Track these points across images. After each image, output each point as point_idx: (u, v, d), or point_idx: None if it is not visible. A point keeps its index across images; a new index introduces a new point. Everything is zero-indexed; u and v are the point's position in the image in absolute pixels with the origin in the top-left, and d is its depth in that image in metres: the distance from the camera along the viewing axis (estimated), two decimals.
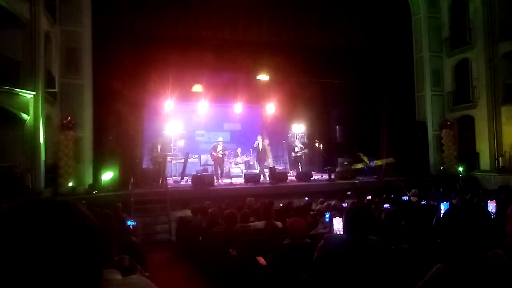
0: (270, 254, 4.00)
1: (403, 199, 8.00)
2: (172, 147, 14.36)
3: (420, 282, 1.68)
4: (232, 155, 15.47)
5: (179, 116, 15.69)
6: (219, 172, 13.40)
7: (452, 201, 6.70)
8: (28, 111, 10.29)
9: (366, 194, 9.63)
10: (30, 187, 9.92)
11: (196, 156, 15.68)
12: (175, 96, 14.82)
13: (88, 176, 11.84)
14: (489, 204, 4.82)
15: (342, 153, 16.17)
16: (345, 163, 14.28)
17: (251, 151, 15.28)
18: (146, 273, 2.57)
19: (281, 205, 8.22)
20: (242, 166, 15.50)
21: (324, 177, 14.03)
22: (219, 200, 9.28)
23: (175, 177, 14.12)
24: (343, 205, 6.97)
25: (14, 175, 9.60)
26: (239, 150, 15.55)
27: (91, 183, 11.49)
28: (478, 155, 14.85)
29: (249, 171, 14.43)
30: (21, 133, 10.34)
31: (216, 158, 13.41)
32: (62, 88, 11.88)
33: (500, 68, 14.32)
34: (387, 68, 15.59)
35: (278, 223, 5.60)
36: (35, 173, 10.25)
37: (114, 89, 11.80)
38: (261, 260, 4.18)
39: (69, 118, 11.59)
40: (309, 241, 4.06)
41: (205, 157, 15.21)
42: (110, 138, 12.08)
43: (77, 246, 0.74)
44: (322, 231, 4.70)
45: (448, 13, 15.94)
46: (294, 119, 17.95)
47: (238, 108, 16.58)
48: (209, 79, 15.12)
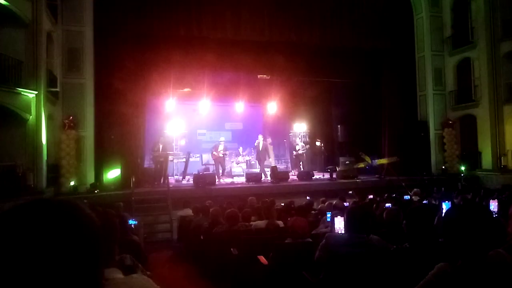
0: (272, 254, 4.00)
1: (405, 199, 7.99)
2: (174, 147, 14.38)
3: (422, 282, 1.68)
4: (234, 155, 15.47)
5: (181, 116, 15.70)
6: (220, 172, 13.41)
7: (454, 201, 6.69)
8: (30, 111, 10.31)
9: (368, 194, 9.62)
10: (32, 187, 9.95)
11: (198, 156, 15.70)
12: (177, 96, 14.84)
13: (90, 176, 11.86)
14: (491, 204, 4.82)
15: (344, 153, 16.16)
16: (347, 163, 14.27)
17: (253, 151, 15.29)
18: (148, 272, 2.57)
19: (283, 205, 8.23)
20: (244, 166, 15.51)
21: (326, 177, 14.02)
22: (221, 200, 9.30)
23: (177, 176, 14.13)
24: (345, 205, 6.97)
25: (16, 175, 9.63)
26: (241, 150, 15.56)
27: (93, 183, 11.51)
28: (480, 155, 14.82)
29: (251, 171, 14.44)
30: (23, 133, 10.36)
31: (217, 158, 13.42)
32: (64, 88, 11.90)
33: (502, 67, 14.29)
34: (389, 67, 15.57)
35: (280, 223, 5.60)
36: (37, 173, 10.28)
37: (116, 89, 11.82)
38: (263, 260, 4.18)
39: (71, 118, 11.62)
40: (311, 241, 4.06)
41: (207, 157, 15.22)
42: (112, 138, 12.10)
43: (79, 246, 0.75)
44: (324, 231, 4.70)
45: (450, 12, 15.90)
46: (296, 119, 17.95)
47: (240, 108, 16.58)
48: (211, 79, 15.13)
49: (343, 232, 3.64)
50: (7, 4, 9.62)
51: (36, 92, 10.34)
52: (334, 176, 13.48)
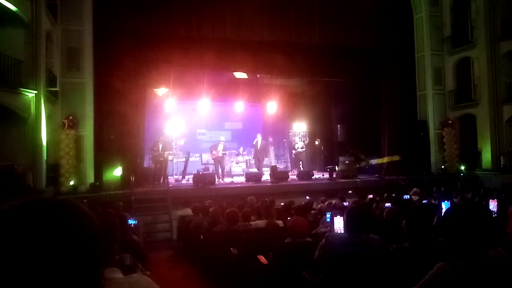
0: (271, 253, 4.00)
1: (405, 198, 7.99)
2: (173, 146, 14.37)
3: (422, 281, 1.68)
4: (234, 154, 15.47)
5: (180, 115, 15.70)
6: (220, 172, 13.41)
7: (454, 200, 6.69)
8: (30, 110, 10.31)
9: (368, 193, 9.63)
10: (32, 186, 9.94)
11: (197, 155, 15.70)
12: (176, 95, 14.83)
13: (90, 175, 11.85)
14: (490, 203, 4.82)
15: (343, 152, 16.17)
16: (347, 162, 14.28)
17: (252, 150, 15.29)
18: (147, 272, 2.57)
19: (282, 204, 8.22)
20: (243, 165, 15.51)
21: (325, 176, 14.02)
22: (220, 199, 9.29)
23: (176, 176, 14.13)
24: (345, 204, 6.97)
25: (16, 174, 9.62)
26: (241, 150, 15.55)
27: (93, 182, 11.51)
28: (480, 154, 14.83)
29: (250, 170, 14.44)
30: (23, 132, 10.35)
31: (216, 158, 13.42)
32: (64, 87, 11.89)
33: (502, 67, 14.30)
34: (389, 67, 15.58)
35: (279, 222, 5.60)
36: (37, 172, 10.28)
37: (116, 88, 11.80)
38: (262, 259, 4.18)
39: (71, 117, 11.61)
40: (310, 240, 4.06)
41: (206, 156, 15.22)
42: (112, 137, 12.09)
43: (78, 245, 0.74)
44: (323, 231, 4.70)
45: (450, 12, 15.90)
46: (295, 118, 17.95)
47: (239, 107, 16.58)
48: (211, 78, 15.13)
49: (343, 232, 3.64)
50: (7, 4, 9.61)
51: (36, 92, 10.33)
52: (334, 176, 13.49)
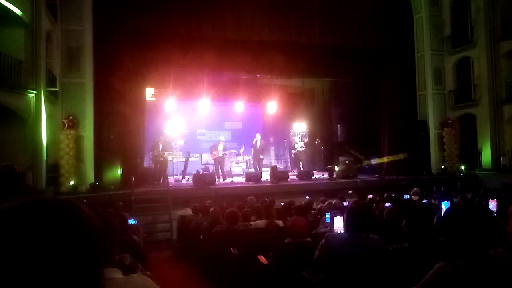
0: (271, 253, 4.00)
1: (405, 198, 7.99)
2: (173, 146, 14.37)
3: (422, 281, 1.68)
4: (234, 154, 15.46)
5: (180, 115, 15.69)
6: (220, 172, 13.40)
7: (454, 200, 6.69)
8: (30, 110, 10.31)
9: (368, 193, 9.63)
10: (32, 186, 9.94)
11: (197, 155, 15.69)
12: (176, 95, 14.83)
13: (90, 175, 11.85)
14: (490, 203, 4.82)
15: (343, 152, 16.17)
16: (347, 162, 14.28)
17: (252, 150, 15.27)
18: (147, 272, 2.56)
19: (282, 204, 8.22)
20: (243, 165, 15.50)
21: (325, 176, 14.02)
22: (220, 199, 9.30)
23: (176, 176, 14.13)
24: (344, 204, 6.96)
25: (16, 174, 9.62)
26: (242, 150, 15.54)
27: (93, 182, 11.51)
28: (480, 154, 14.82)
29: (250, 170, 14.43)
30: (23, 132, 10.36)
31: (217, 158, 13.41)
32: (64, 87, 11.89)
33: (502, 67, 14.30)
34: (389, 67, 15.58)
35: (279, 222, 5.60)
36: (37, 172, 10.28)
37: (115, 88, 11.80)
38: (262, 259, 4.18)
39: (71, 117, 11.61)
40: (310, 240, 4.06)
41: (206, 156, 15.21)
42: (112, 137, 12.09)
43: (78, 246, 0.74)
44: (323, 231, 4.70)
45: (450, 12, 15.90)
46: (295, 118, 17.94)
47: (239, 107, 16.57)
48: (211, 78, 15.12)
49: (343, 232, 3.64)
50: (7, 4, 9.61)
51: (36, 92, 10.33)
52: (334, 176, 13.48)
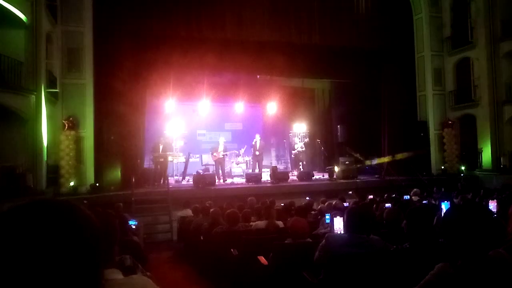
0: (272, 254, 3.99)
1: (405, 199, 7.99)
2: (174, 147, 14.37)
3: (422, 282, 1.67)
4: (234, 155, 15.46)
5: (180, 116, 15.69)
6: (220, 172, 13.40)
7: (454, 200, 6.69)
8: (30, 111, 10.31)
9: (368, 194, 9.62)
10: (32, 187, 9.93)
11: (197, 156, 15.69)
12: (176, 96, 14.83)
13: (90, 176, 11.85)
14: (490, 204, 4.81)
15: (343, 153, 16.16)
16: (347, 163, 14.29)
17: (252, 150, 15.26)
18: (148, 273, 2.57)
19: (282, 205, 8.22)
20: (244, 166, 15.50)
21: (326, 177, 14.01)
22: (220, 200, 9.29)
23: (176, 177, 14.13)
24: (345, 205, 6.96)
25: (16, 175, 9.61)
26: (242, 151, 15.53)
27: (93, 183, 11.51)
28: (480, 155, 14.82)
29: (250, 171, 14.42)
30: (23, 133, 10.36)
31: (218, 159, 13.41)
32: (64, 88, 11.89)
33: (502, 67, 14.31)
34: (389, 67, 15.58)
35: (280, 223, 5.59)
36: (37, 173, 10.28)
37: (116, 89, 11.81)
38: (263, 260, 4.18)
39: (71, 118, 11.62)
40: (311, 241, 4.06)
41: (206, 157, 15.19)
42: (112, 138, 12.09)
43: (78, 247, 0.75)
44: (323, 231, 4.70)
45: (450, 12, 15.91)
46: (295, 119, 17.94)
47: (239, 108, 16.57)
48: (211, 79, 15.12)
49: (343, 233, 3.64)
50: (7, 5, 9.62)
51: (36, 93, 10.33)
52: (334, 176, 13.47)
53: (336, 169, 13.57)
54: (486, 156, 14.52)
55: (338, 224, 4.02)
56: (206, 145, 16.29)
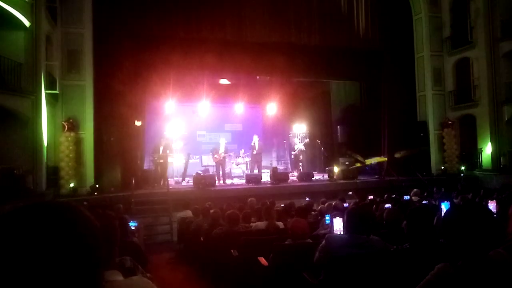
0: (272, 255, 3.99)
1: (405, 199, 7.99)
2: (174, 148, 14.37)
3: (422, 282, 1.67)
4: (234, 156, 15.46)
5: (180, 117, 15.69)
6: (221, 174, 13.39)
7: (454, 201, 6.69)
8: (30, 113, 10.32)
9: (368, 194, 9.62)
10: (32, 189, 9.94)
11: (197, 157, 15.68)
12: (176, 97, 14.84)
13: (90, 177, 11.85)
14: (490, 204, 4.81)
15: (343, 153, 16.17)
16: (347, 163, 14.29)
17: (250, 152, 15.24)
18: (148, 274, 2.57)
19: (283, 206, 8.21)
20: (244, 167, 15.49)
21: (326, 177, 14.01)
22: (220, 201, 9.28)
23: (176, 178, 14.12)
24: (345, 205, 6.96)
25: (16, 177, 9.61)
26: (242, 152, 15.53)
27: (93, 184, 11.51)
28: (480, 155, 14.83)
29: (251, 172, 14.41)
30: (23, 135, 10.37)
31: (218, 161, 13.41)
32: (64, 90, 11.89)
33: (502, 67, 14.32)
34: (388, 68, 15.59)
35: (280, 224, 5.59)
36: (37, 175, 10.28)
37: (115, 90, 11.82)
38: (263, 261, 4.18)
39: (71, 119, 11.62)
40: (311, 242, 4.06)
41: (206, 158, 15.18)
42: (112, 139, 12.10)
43: (79, 248, 0.75)
44: (323, 232, 4.70)
45: (449, 12, 15.92)
46: (295, 119, 17.95)
47: (239, 109, 16.58)
48: (210, 80, 15.12)
49: (343, 233, 3.64)
50: (7, 7, 9.63)
51: (36, 94, 10.34)
52: (334, 177, 13.48)
53: (336, 170, 13.56)
54: (486, 156, 14.52)
55: (338, 225, 4.02)
56: (206, 146, 16.29)
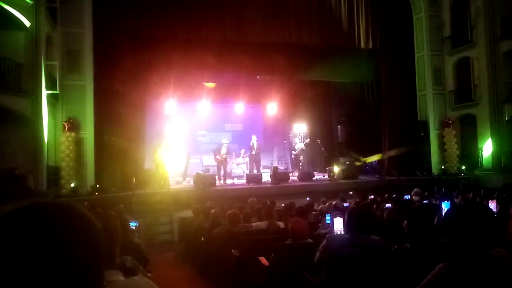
0: (273, 255, 3.99)
1: (405, 198, 7.98)
2: (174, 148, 14.37)
3: (423, 282, 1.67)
4: (234, 156, 15.47)
5: (181, 117, 15.70)
6: (222, 174, 13.40)
7: (455, 200, 6.69)
8: (30, 113, 10.33)
9: (368, 194, 9.62)
10: (32, 189, 9.96)
11: (198, 157, 15.68)
12: (177, 97, 14.85)
13: (90, 177, 11.86)
14: (491, 204, 4.81)
15: (344, 153, 16.17)
16: (347, 163, 14.29)
17: (249, 152, 15.24)
18: (149, 274, 2.57)
19: (283, 205, 8.21)
20: (244, 167, 15.50)
21: (326, 177, 14.01)
22: (221, 201, 9.29)
23: (177, 178, 14.13)
24: (345, 205, 6.96)
25: (16, 177, 9.63)
26: (242, 152, 15.54)
27: (93, 184, 11.52)
28: (480, 154, 14.82)
29: (251, 172, 14.41)
30: (23, 135, 10.38)
31: (220, 161, 13.41)
32: (64, 90, 11.90)
33: (502, 67, 14.30)
34: (388, 67, 15.59)
35: (280, 223, 5.59)
36: (38, 175, 10.29)
37: (116, 90, 11.81)
38: (264, 261, 4.18)
39: (71, 120, 11.64)
40: (311, 241, 4.06)
41: (207, 158, 15.19)
42: (112, 139, 12.10)
43: (79, 248, 0.75)
44: (324, 232, 4.70)
45: (449, 12, 15.91)
46: (296, 119, 17.95)
47: (240, 109, 16.58)
48: (211, 80, 15.12)
49: (344, 233, 3.63)
50: (8, 8, 9.64)
51: (36, 94, 10.35)
52: (335, 177, 13.47)
53: (337, 169, 13.57)
54: (486, 156, 14.51)
55: (339, 225, 4.02)
56: (207, 146, 16.29)
